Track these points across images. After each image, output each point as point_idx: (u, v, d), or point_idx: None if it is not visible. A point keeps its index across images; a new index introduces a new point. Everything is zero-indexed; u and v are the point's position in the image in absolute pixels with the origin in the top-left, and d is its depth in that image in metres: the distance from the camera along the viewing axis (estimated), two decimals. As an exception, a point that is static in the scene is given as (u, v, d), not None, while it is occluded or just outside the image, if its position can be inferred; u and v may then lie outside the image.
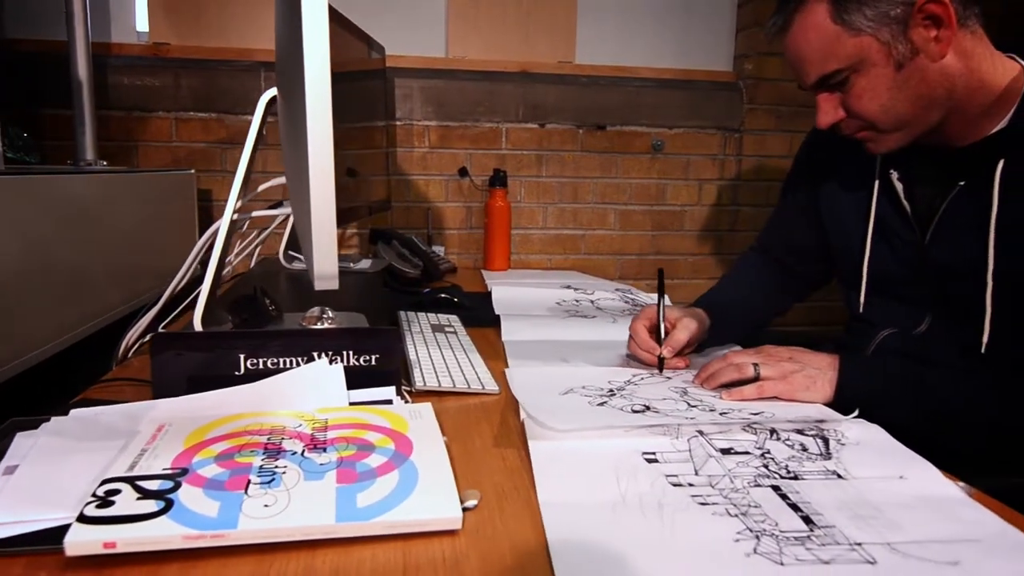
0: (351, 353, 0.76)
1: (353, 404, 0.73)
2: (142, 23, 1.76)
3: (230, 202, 0.73)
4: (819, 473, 0.64)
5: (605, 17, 1.96)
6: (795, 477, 0.63)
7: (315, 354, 0.75)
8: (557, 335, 1.14)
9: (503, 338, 1.12)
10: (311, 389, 0.73)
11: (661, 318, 0.95)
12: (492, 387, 0.86)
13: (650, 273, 2.05)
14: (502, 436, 0.73)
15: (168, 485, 0.53)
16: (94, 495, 0.51)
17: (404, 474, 0.57)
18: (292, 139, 0.59)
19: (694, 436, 0.71)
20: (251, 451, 0.60)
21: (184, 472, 0.55)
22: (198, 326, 0.78)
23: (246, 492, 0.53)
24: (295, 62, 0.55)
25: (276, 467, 0.57)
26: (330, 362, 0.75)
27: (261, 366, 0.75)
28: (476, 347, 1.06)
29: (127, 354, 0.95)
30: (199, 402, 0.70)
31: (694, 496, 0.59)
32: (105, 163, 1.60)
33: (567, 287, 1.56)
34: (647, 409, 0.78)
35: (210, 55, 1.75)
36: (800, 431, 0.73)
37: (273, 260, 1.53)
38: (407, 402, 0.77)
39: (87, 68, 1.55)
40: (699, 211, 2.05)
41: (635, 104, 1.96)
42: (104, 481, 0.53)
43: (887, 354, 0.95)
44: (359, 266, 1.45)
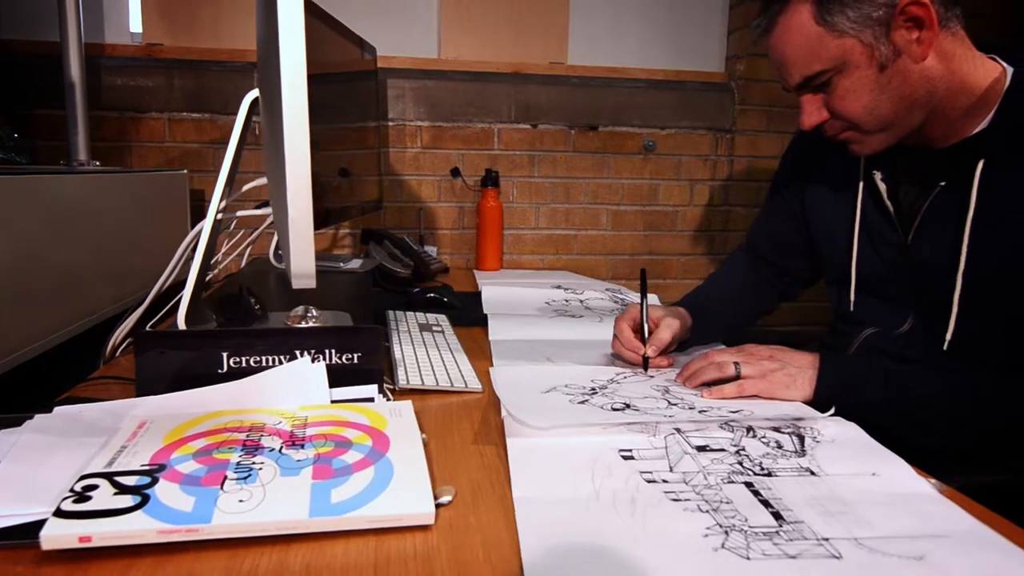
0: (333, 352, 0.77)
1: (335, 402, 0.74)
2: (135, 24, 1.77)
3: (213, 202, 0.74)
4: (792, 470, 0.65)
5: (597, 18, 1.97)
6: (768, 474, 0.64)
7: (298, 352, 0.76)
8: (544, 334, 1.15)
9: (490, 337, 1.12)
10: (293, 387, 0.74)
11: (645, 317, 0.96)
12: (475, 386, 0.87)
13: (642, 273, 2.06)
14: (482, 434, 0.73)
15: (145, 481, 0.54)
16: (71, 490, 0.52)
17: (379, 470, 0.58)
18: (271, 139, 0.60)
19: (671, 434, 0.72)
20: (229, 448, 0.60)
21: (162, 468, 0.56)
22: (182, 325, 0.79)
23: (222, 488, 0.54)
24: (272, 62, 0.56)
25: (253, 463, 0.58)
26: (312, 360, 0.76)
27: (244, 364, 0.75)
28: (463, 346, 1.06)
29: (115, 353, 0.96)
30: (181, 400, 0.71)
31: (667, 492, 0.60)
32: (98, 163, 1.61)
33: (557, 287, 1.57)
34: (627, 407, 0.79)
35: (203, 56, 1.75)
36: (777, 429, 0.74)
37: (264, 260, 1.54)
38: (389, 400, 0.77)
39: (80, 69, 1.56)
40: (691, 211, 2.06)
41: (627, 105, 1.97)
42: (82, 477, 0.54)
43: (869, 353, 0.96)
44: (349, 266, 1.46)
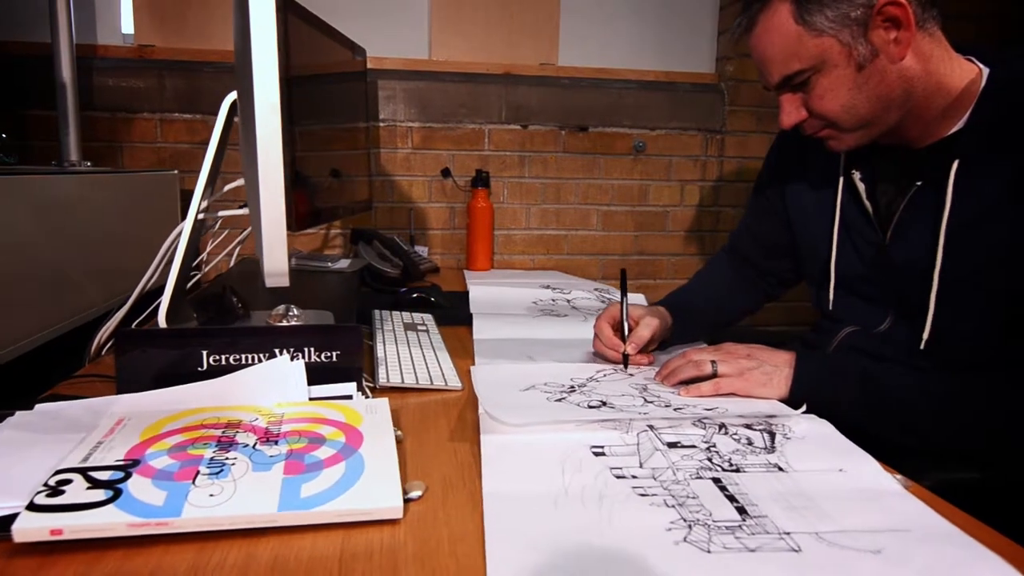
0: (313, 350, 0.78)
1: (313, 399, 0.75)
2: (127, 25, 1.78)
3: (193, 202, 0.75)
4: (761, 466, 0.66)
5: (587, 19, 1.98)
6: (737, 470, 0.65)
7: (277, 351, 0.77)
8: (527, 333, 1.16)
9: (474, 336, 1.13)
10: (272, 384, 0.75)
11: (625, 316, 0.97)
12: (455, 384, 0.88)
13: (632, 273, 2.07)
14: (458, 431, 0.74)
15: (118, 476, 0.55)
16: (45, 484, 0.53)
17: (350, 466, 0.59)
18: (245, 139, 0.61)
19: (644, 430, 0.72)
20: (204, 444, 0.61)
21: (136, 463, 0.57)
22: (163, 323, 0.80)
23: (194, 482, 0.54)
24: (245, 62, 0.57)
25: (226, 459, 0.59)
26: (292, 358, 0.77)
27: (224, 362, 0.76)
28: (447, 345, 1.07)
29: (100, 351, 0.97)
30: (161, 397, 0.72)
31: (635, 488, 0.61)
32: (89, 163, 1.62)
33: (546, 287, 1.58)
34: (603, 405, 0.80)
35: (194, 57, 1.76)
36: (749, 426, 0.75)
37: (252, 260, 1.54)
38: (367, 398, 0.78)
39: (71, 70, 1.57)
40: (681, 212, 2.07)
41: (617, 106, 1.98)
42: (57, 472, 0.55)
43: (847, 351, 0.97)
44: (337, 266, 1.47)
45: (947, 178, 0.82)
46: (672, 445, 0.70)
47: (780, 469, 0.65)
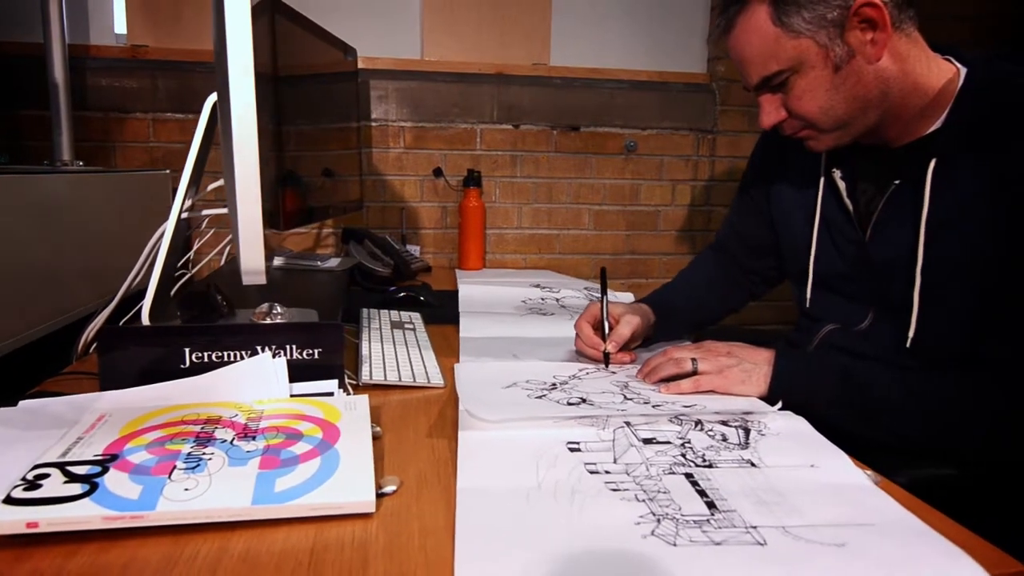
0: (294, 347, 0.79)
1: (295, 396, 0.76)
2: (120, 26, 1.78)
3: (176, 201, 0.76)
4: (734, 462, 0.67)
5: (579, 19, 1.98)
6: (710, 465, 0.66)
7: (259, 348, 0.78)
8: (513, 332, 1.17)
9: (461, 335, 1.14)
10: (254, 381, 0.75)
11: (605, 314, 0.97)
12: (437, 381, 0.89)
13: (624, 272, 2.08)
14: (437, 428, 0.75)
15: (96, 470, 0.56)
16: (23, 478, 0.54)
17: (326, 461, 0.59)
18: (224, 139, 0.62)
19: (620, 427, 0.73)
20: (183, 439, 0.62)
21: (114, 458, 0.58)
22: (146, 321, 0.81)
23: (170, 477, 0.55)
24: (221, 61, 0.58)
25: (203, 454, 0.59)
26: (273, 356, 0.78)
27: (206, 359, 0.77)
28: (433, 343, 1.08)
29: (87, 349, 0.98)
30: (143, 394, 0.73)
31: (608, 483, 0.62)
32: (81, 163, 1.62)
33: (536, 286, 1.58)
34: (583, 402, 0.81)
35: (187, 57, 1.77)
36: (725, 422, 0.75)
37: (245, 259, 1.55)
38: (349, 395, 0.79)
39: (63, 70, 1.58)
40: (673, 211, 2.08)
41: (609, 105, 1.99)
42: (35, 466, 0.56)
43: (828, 349, 0.97)
44: (327, 265, 1.48)
45: (925, 177, 0.83)
46: (647, 441, 0.70)
47: (752, 465, 0.66)
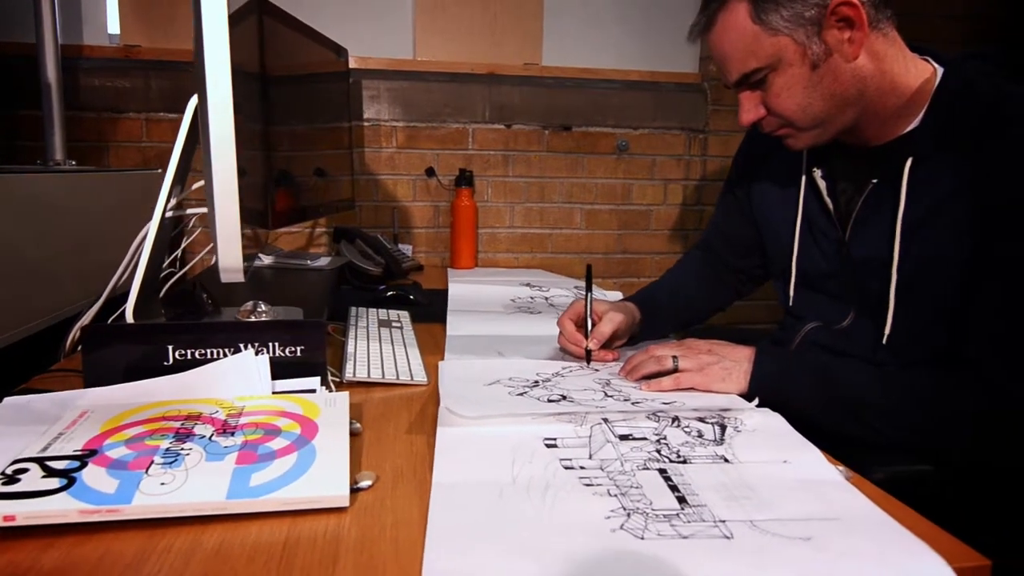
0: (277, 345, 0.80)
1: (277, 393, 0.77)
2: (113, 26, 1.79)
3: (160, 201, 0.76)
4: (708, 458, 0.67)
5: (571, 20, 1.99)
6: (684, 461, 0.67)
7: (242, 345, 0.79)
8: (499, 330, 1.18)
9: (447, 333, 1.15)
10: (236, 378, 0.76)
11: (588, 312, 0.98)
12: (420, 379, 0.90)
13: (616, 271, 2.09)
14: (417, 424, 0.76)
15: (74, 465, 0.57)
16: (2, 473, 0.55)
17: (302, 456, 0.60)
18: (203, 138, 0.63)
19: (598, 423, 0.74)
20: (162, 435, 0.63)
21: (93, 453, 0.59)
22: (130, 319, 0.82)
23: (147, 472, 0.56)
24: (200, 62, 0.58)
25: (182, 449, 0.60)
26: (256, 353, 0.79)
27: (189, 357, 0.78)
28: (419, 342, 1.09)
29: (75, 347, 0.98)
30: (126, 391, 0.73)
31: (582, 478, 0.63)
32: (74, 163, 1.63)
33: (526, 285, 1.59)
34: (563, 399, 0.81)
35: (180, 57, 1.78)
36: (702, 419, 0.76)
37: (236, 258, 1.56)
38: (331, 391, 0.80)
39: (56, 70, 1.58)
40: (665, 211, 2.09)
41: (601, 105, 1.99)
42: (14, 461, 0.57)
43: (809, 347, 0.98)
44: (316, 264, 1.48)
45: (901, 176, 0.84)
46: (624, 437, 0.71)
47: (726, 460, 0.67)
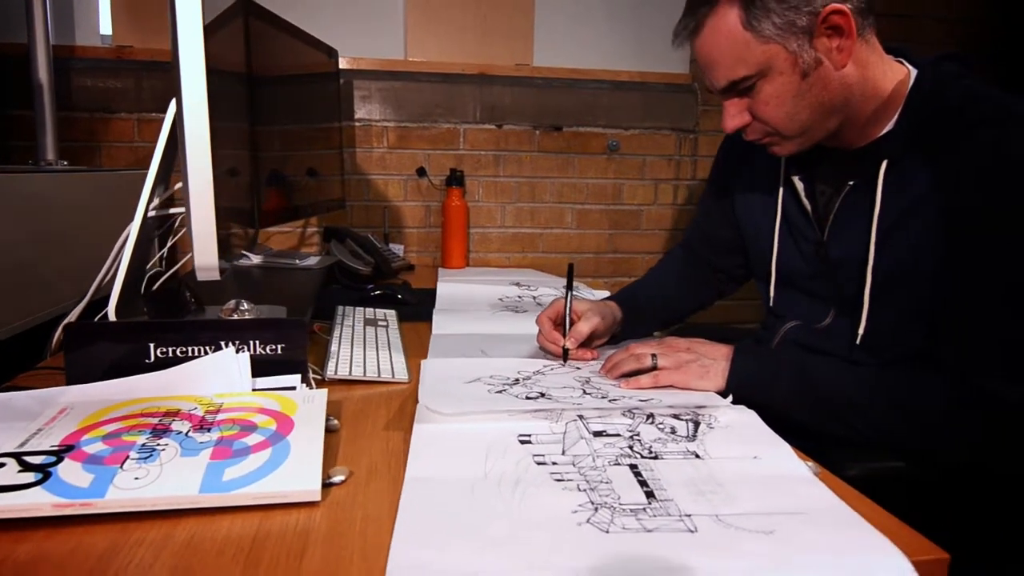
0: (258, 343, 0.81)
1: (257, 391, 0.78)
2: (105, 26, 1.80)
3: (142, 200, 0.77)
4: (679, 454, 0.68)
5: (562, 20, 2.00)
6: (655, 457, 0.68)
7: (223, 343, 0.79)
8: (484, 329, 1.19)
9: (433, 332, 1.16)
10: (216, 376, 0.77)
11: (568, 311, 0.99)
12: (402, 376, 0.91)
13: (606, 271, 2.10)
14: (395, 421, 0.77)
15: (51, 460, 0.58)
16: (-22, 468, 0.56)
17: (276, 451, 0.61)
18: (180, 137, 0.64)
19: (573, 420, 0.75)
20: (139, 431, 0.64)
21: (70, 448, 0.60)
22: (112, 317, 0.83)
23: (122, 467, 0.57)
24: (176, 62, 0.59)
25: (158, 445, 0.61)
26: (237, 351, 0.79)
27: (171, 354, 0.79)
28: (405, 340, 1.10)
29: (61, 345, 0.99)
30: (107, 388, 0.74)
31: (553, 473, 0.64)
32: (65, 163, 1.64)
33: (515, 284, 1.60)
34: (541, 396, 0.82)
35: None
36: (676, 416, 0.77)
37: (225, 257, 1.57)
38: (311, 388, 0.81)
39: (47, 70, 1.59)
40: (655, 210, 2.10)
41: (592, 106, 2.00)
42: (-9, 456, 0.58)
43: (789, 346, 0.99)
44: (305, 263, 1.49)
45: (877, 178, 0.85)
46: (598, 434, 0.72)
47: (697, 456, 0.68)
